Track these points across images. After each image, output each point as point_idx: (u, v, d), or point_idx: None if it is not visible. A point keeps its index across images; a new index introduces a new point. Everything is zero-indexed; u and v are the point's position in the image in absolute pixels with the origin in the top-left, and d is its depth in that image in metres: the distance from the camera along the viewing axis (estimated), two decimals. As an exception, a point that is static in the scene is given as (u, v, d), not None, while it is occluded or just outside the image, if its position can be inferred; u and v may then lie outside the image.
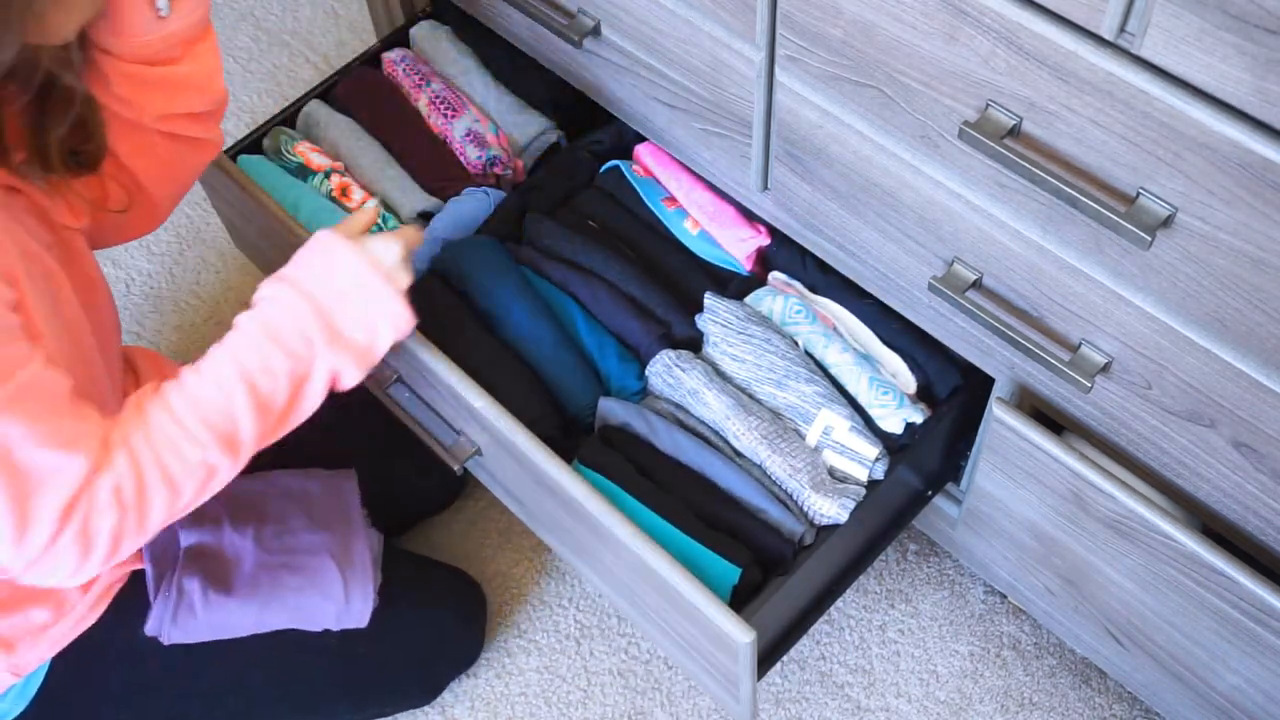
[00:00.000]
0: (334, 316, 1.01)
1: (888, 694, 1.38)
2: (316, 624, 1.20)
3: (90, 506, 0.92)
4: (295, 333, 1.00)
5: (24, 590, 1.06)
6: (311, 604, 1.19)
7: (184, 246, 1.75)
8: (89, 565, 0.94)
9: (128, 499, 0.93)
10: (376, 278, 1.03)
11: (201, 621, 1.15)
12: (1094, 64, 0.78)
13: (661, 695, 1.39)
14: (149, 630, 1.14)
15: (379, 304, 1.03)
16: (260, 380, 0.98)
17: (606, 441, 1.18)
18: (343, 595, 1.19)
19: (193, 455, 0.96)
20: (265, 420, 0.99)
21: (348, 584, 1.20)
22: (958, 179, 0.95)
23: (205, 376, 0.98)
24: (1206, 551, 0.97)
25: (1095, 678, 1.38)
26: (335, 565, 1.20)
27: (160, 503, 0.95)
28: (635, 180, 1.34)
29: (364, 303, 1.02)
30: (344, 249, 1.03)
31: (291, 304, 1.00)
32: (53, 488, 0.90)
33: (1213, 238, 0.80)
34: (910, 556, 1.46)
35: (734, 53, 1.04)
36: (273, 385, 0.99)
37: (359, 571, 1.21)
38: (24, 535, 0.90)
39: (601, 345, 1.23)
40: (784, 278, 1.27)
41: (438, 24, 1.48)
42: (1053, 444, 1.03)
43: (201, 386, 0.97)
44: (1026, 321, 1.00)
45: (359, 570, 1.21)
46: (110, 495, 0.92)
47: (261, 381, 0.98)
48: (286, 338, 0.99)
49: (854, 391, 1.18)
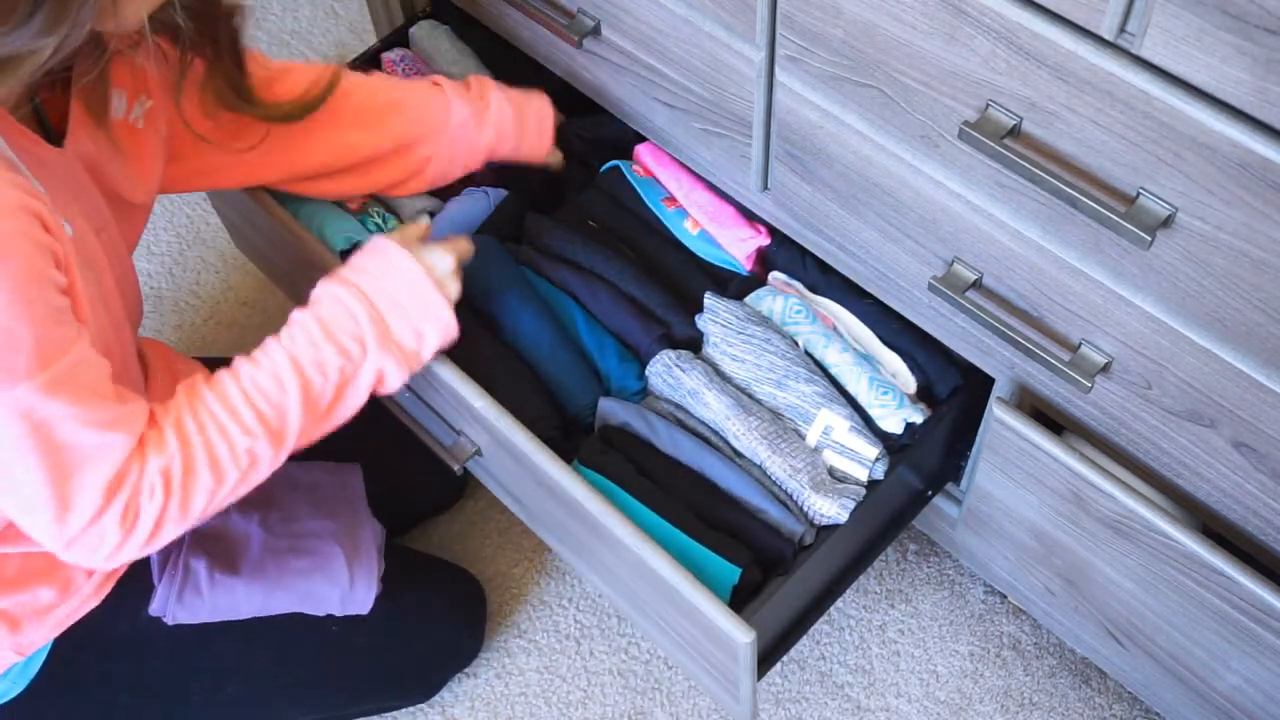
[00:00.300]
0: (388, 320, 1.04)
1: (888, 694, 1.38)
2: (320, 608, 1.21)
3: (136, 486, 0.94)
4: (349, 333, 1.02)
5: (32, 569, 1.07)
6: (317, 588, 1.20)
7: (184, 246, 1.75)
8: (129, 547, 0.95)
9: (174, 481, 0.95)
10: (430, 285, 1.05)
11: (207, 602, 1.15)
12: (1094, 64, 0.78)
13: (661, 695, 1.39)
14: (154, 610, 1.14)
15: (430, 311, 1.06)
16: (313, 375, 1.00)
17: (606, 442, 1.18)
18: (348, 580, 1.20)
19: (241, 442, 0.98)
20: (312, 416, 1.01)
21: (353, 569, 1.21)
22: (958, 179, 0.95)
23: (261, 366, 1.00)
24: (1206, 551, 0.97)
25: (1095, 678, 1.38)
26: (341, 550, 1.21)
27: (204, 488, 0.97)
28: (635, 180, 1.34)
29: (416, 309, 1.05)
30: (402, 256, 1.05)
31: (349, 304, 1.03)
32: (95, 467, 0.91)
33: (1213, 238, 0.80)
34: (910, 556, 1.46)
35: (734, 53, 1.04)
36: (324, 382, 1.01)
37: (364, 558, 1.22)
38: (66, 513, 0.91)
39: (601, 345, 1.23)
40: (784, 278, 1.27)
41: (437, 24, 1.47)
42: (1053, 444, 1.03)
43: (257, 375, 0.99)
44: (1026, 321, 1.00)
45: (364, 556, 1.22)
46: (158, 476, 0.94)
47: (314, 377, 1.01)
48: (341, 336, 1.02)
49: (854, 391, 1.18)
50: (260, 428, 0.99)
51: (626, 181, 1.34)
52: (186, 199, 1.78)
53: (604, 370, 1.23)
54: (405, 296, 1.05)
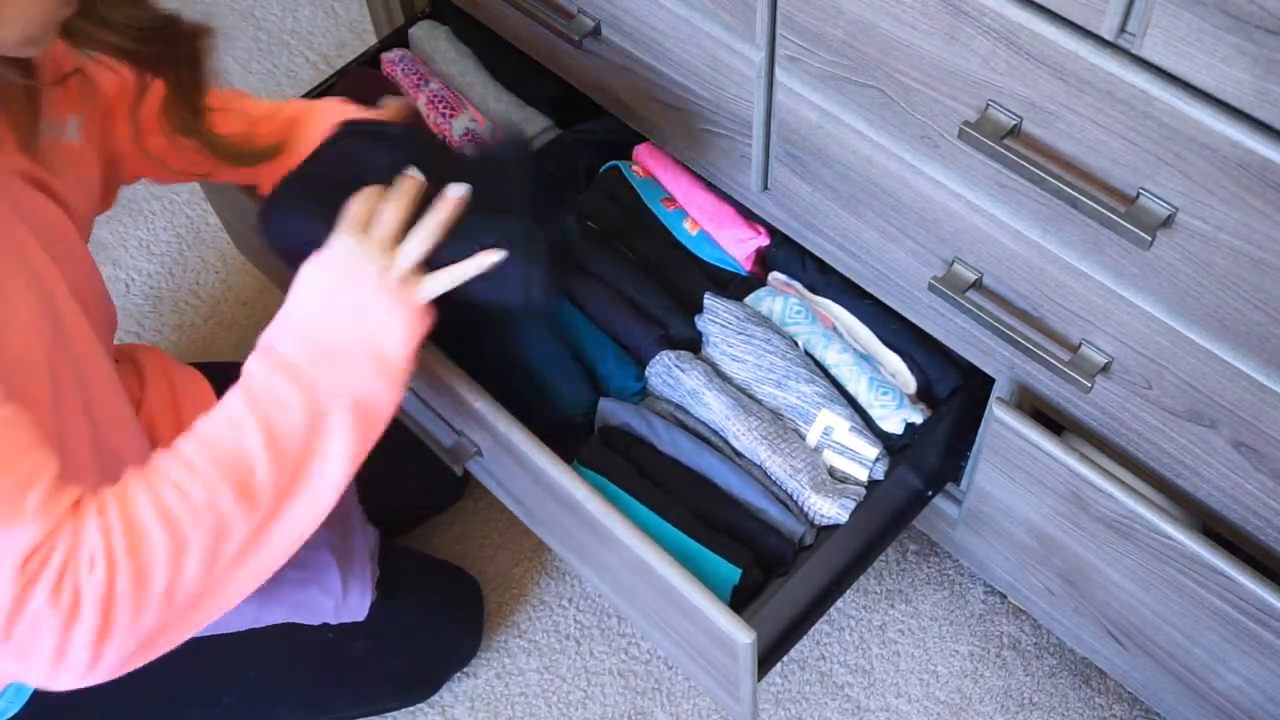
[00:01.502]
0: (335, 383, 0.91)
1: (888, 694, 1.38)
2: (315, 618, 1.20)
3: (64, 560, 0.78)
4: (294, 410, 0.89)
5: None
6: (310, 598, 1.19)
7: (184, 246, 1.75)
8: (77, 637, 0.79)
9: (116, 548, 0.79)
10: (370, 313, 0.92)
11: None
12: (1094, 64, 0.78)
13: (661, 695, 1.39)
14: None
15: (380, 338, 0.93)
16: (275, 417, 0.88)
17: (606, 442, 1.18)
18: (341, 589, 1.20)
19: (198, 494, 0.84)
20: (282, 464, 0.87)
21: (346, 578, 1.21)
22: (958, 179, 0.95)
23: (214, 415, 0.88)
24: (1206, 551, 0.97)
25: (1095, 678, 1.38)
26: (334, 560, 1.21)
27: (161, 551, 0.81)
28: (635, 181, 1.34)
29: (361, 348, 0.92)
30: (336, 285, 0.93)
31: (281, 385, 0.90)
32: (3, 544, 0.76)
33: (1213, 238, 0.80)
34: (910, 556, 1.46)
35: (734, 53, 1.04)
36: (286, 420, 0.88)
37: (357, 565, 1.22)
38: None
39: (600, 346, 1.23)
40: (784, 278, 1.27)
41: (437, 24, 1.48)
42: (1053, 444, 1.03)
43: (209, 424, 0.88)
44: (1026, 321, 1.00)
45: (357, 564, 1.22)
46: (96, 542, 0.79)
47: (276, 418, 0.88)
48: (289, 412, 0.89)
49: (854, 392, 1.18)
50: (217, 474, 0.84)
51: (626, 182, 1.34)
52: (187, 199, 1.78)
53: (603, 371, 1.23)
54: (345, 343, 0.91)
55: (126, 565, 0.79)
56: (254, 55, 1.94)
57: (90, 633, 0.79)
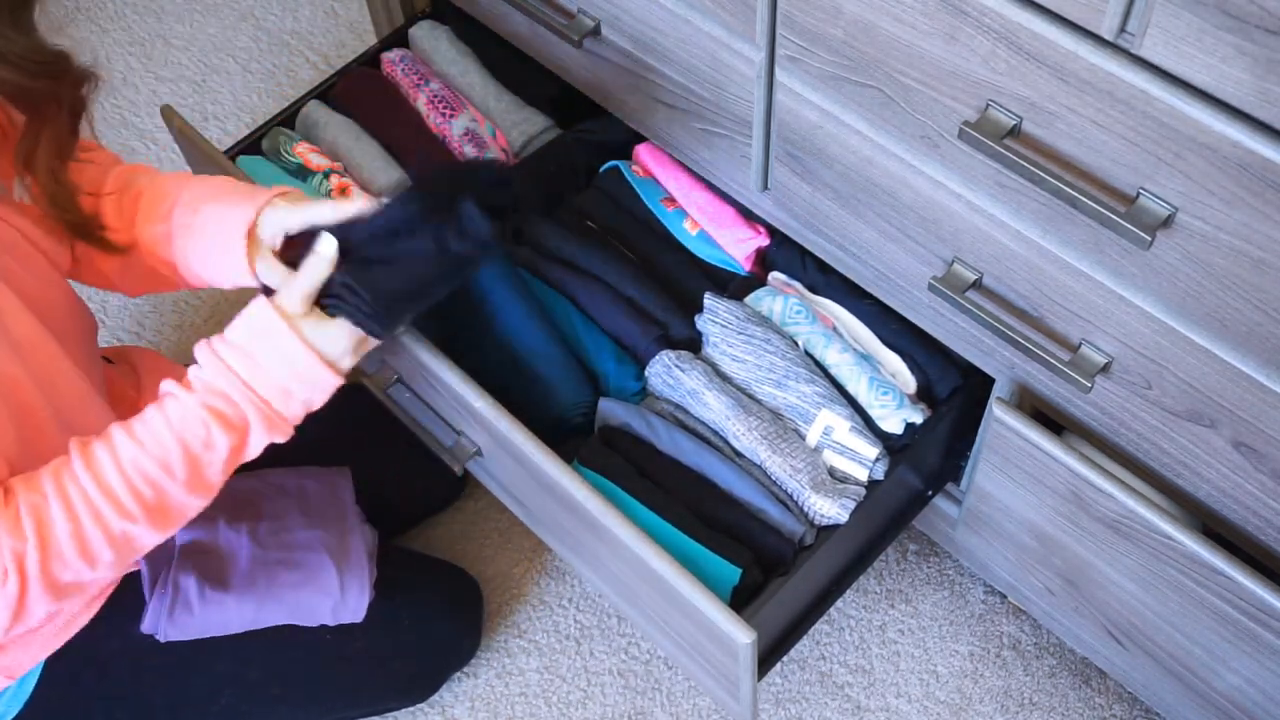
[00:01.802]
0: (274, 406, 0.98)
1: (888, 694, 1.38)
2: (313, 620, 1.20)
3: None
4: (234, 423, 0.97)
5: None
6: (308, 600, 1.19)
7: (184, 247, 1.75)
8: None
9: (31, 570, 0.91)
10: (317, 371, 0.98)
11: (198, 618, 1.15)
12: (1094, 64, 0.78)
13: (661, 695, 1.39)
14: (145, 628, 1.14)
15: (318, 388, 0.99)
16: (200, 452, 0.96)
17: (606, 442, 1.18)
18: (338, 590, 1.20)
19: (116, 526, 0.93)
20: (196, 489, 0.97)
21: (343, 579, 1.20)
22: (958, 179, 0.95)
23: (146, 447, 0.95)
24: (1206, 551, 0.97)
25: (1095, 678, 1.38)
26: (331, 561, 1.20)
27: (72, 572, 0.93)
28: (634, 181, 1.34)
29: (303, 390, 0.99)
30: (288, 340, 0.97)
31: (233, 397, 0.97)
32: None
33: (1213, 238, 0.80)
34: (910, 556, 1.46)
35: (734, 53, 1.04)
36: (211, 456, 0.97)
37: (354, 567, 1.22)
38: None
39: (599, 346, 1.23)
40: (784, 278, 1.27)
41: (437, 24, 1.47)
42: (1053, 444, 1.03)
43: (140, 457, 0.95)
44: (1026, 321, 1.00)
45: (354, 565, 1.22)
46: (10, 560, 0.90)
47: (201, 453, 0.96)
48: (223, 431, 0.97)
49: (854, 392, 1.18)
50: (140, 510, 0.94)
51: (626, 182, 1.34)
52: (186, 199, 1.78)
53: (602, 371, 1.23)
54: (294, 384, 0.98)
55: (38, 582, 0.92)
56: (254, 55, 1.94)
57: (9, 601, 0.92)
